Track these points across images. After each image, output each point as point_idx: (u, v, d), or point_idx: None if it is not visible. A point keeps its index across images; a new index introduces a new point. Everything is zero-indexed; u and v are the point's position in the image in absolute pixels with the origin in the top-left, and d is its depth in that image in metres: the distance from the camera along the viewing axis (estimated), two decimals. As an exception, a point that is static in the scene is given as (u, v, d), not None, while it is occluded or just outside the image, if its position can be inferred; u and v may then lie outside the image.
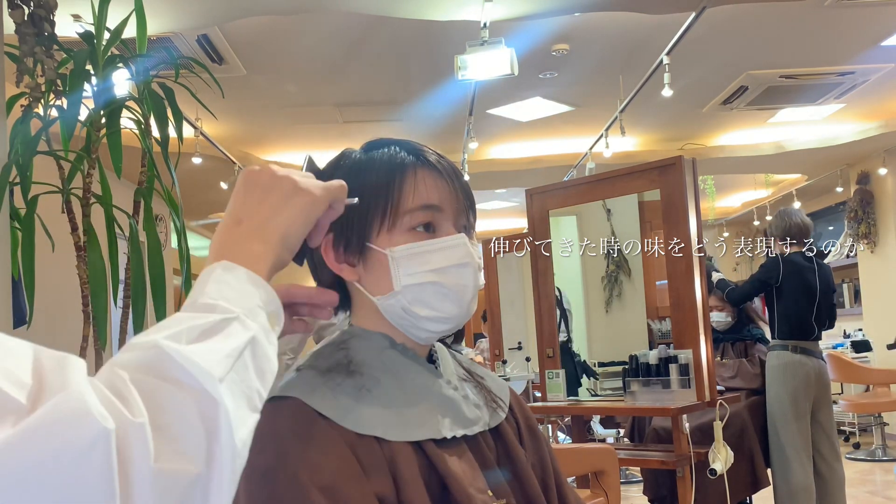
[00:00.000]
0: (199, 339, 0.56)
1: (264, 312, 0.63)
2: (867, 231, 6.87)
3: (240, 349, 0.58)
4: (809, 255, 3.86)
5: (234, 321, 0.59)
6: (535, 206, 3.46)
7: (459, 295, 0.86)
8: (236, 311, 0.60)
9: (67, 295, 3.16)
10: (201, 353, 0.54)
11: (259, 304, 0.63)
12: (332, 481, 0.74)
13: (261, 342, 0.60)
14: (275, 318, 0.65)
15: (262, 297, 0.64)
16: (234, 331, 0.58)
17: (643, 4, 3.58)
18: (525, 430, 0.97)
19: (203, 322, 0.57)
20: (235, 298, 0.61)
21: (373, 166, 0.88)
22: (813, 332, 3.76)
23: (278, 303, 0.66)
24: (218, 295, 0.61)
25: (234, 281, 0.63)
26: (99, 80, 2.25)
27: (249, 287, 0.64)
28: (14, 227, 2.30)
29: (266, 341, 0.61)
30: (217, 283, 0.63)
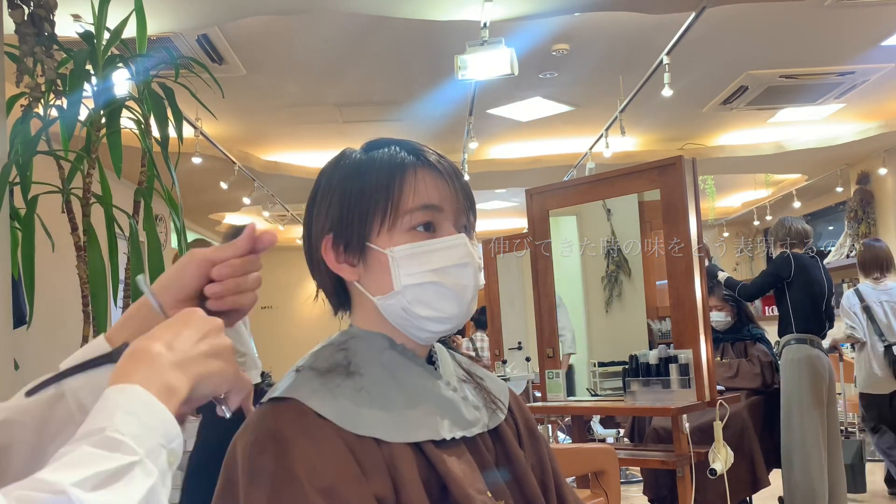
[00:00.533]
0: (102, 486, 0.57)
1: (165, 451, 0.63)
2: (867, 231, 6.86)
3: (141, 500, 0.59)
4: (812, 255, 3.97)
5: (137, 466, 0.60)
6: (535, 206, 3.46)
7: (459, 295, 0.86)
8: (140, 452, 0.61)
9: (67, 295, 3.17)
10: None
11: (162, 443, 0.63)
12: (332, 482, 0.74)
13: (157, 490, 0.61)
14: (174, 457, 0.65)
15: (167, 435, 0.64)
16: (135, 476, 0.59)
17: (643, 4, 3.58)
18: (524, 431, 0.97)
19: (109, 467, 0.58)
20: (141, 435, 0.62)
21: (373, 166, 0.88)
22: (823, 327, 3.88)
23: (180, 440, 0.66)
24: (126, 430, 0.61)
25: (145, 414, 0.63)
26: (99, 80, 2.26)
27: (157, 423, 0.64)
28: (14, 227, 2.30)
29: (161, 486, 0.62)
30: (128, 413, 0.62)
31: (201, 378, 0.70)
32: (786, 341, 3.83)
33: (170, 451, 0.64)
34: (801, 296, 3.86)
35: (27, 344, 3.58)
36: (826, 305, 3.91)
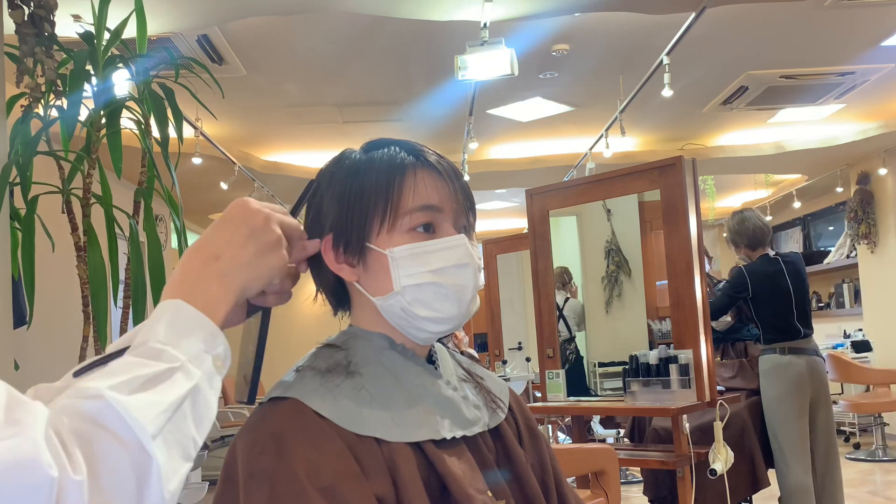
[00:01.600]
0: (141, 389, 0.60)
1: (210, 357, 0.66)
2: (867, 231, 6.87)
3: (179, 400, 0.61)
4: (774, 257, 3.77)
5: (178, 371, 0.63)
6: (535, 206, 3.46)
7: (459, 295, 0.86)
8: (182, 358, 0.63)
9: (67, 295, 3.17)
10: (141, 407, 0.59)
11: (205, 349, 0.66)
12: (332, 482, 0.74)
13: (202, 390, 0.64)
14: (220, 360, 0.67)
15: (210, 342, 0.67)
16: (176, 380, 0.62)
17: (643, 4, 3.58)
18: (525, 430, 0.97)
19: (148, 371, 0.61)
20: (183, 344, 0.64)
21: (372, 167, 0.88)
22: (798, 332, 3.68)
23: (226, 345, 0.69)
24: (167, 340, 0.64)
25: (186, 325, 0.66)
26: (99, 81, 2.26)
27: (199, 331, 0.67)
28: (14, 227, 2.30)
29: (208, 387, 0.65)
30: (169, 325, 0.65)
31: (248, 281, 0.74)
32: (759, 352, 3.78)
33: (215, 357, 0.67)
34: (765, 309, 3.71)
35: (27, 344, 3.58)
36: (798, 307, 3.71)
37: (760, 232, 3.79)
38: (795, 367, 3.61)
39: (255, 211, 0.76)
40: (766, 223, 3.83)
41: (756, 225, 3.79)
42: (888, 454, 6.13)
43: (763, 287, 3.70)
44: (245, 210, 0.76)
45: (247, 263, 0.73)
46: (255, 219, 0.75)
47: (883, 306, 6.88)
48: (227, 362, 0.69)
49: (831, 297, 8.17)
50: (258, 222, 0.75)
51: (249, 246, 0.73)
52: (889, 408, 6.09)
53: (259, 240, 0.74)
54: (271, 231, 0.75)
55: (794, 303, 3.70)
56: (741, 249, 3.86)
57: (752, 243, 3.80)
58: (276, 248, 0.76)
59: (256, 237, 0.74)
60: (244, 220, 0.75)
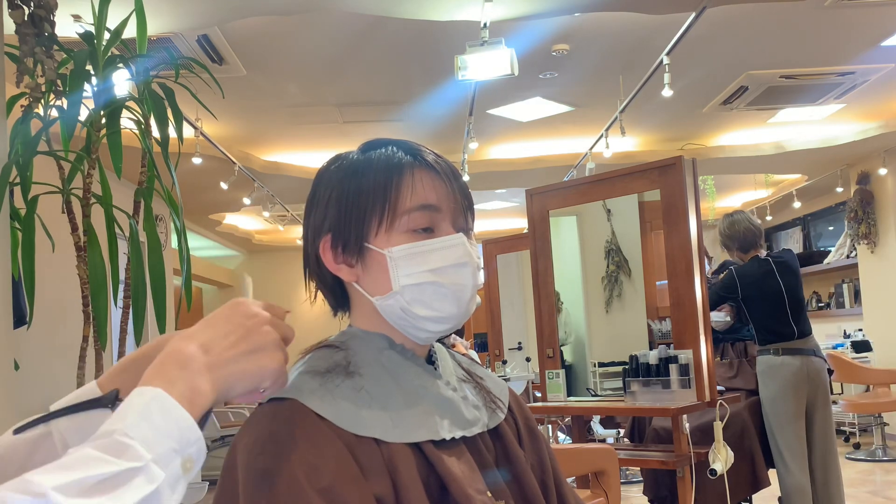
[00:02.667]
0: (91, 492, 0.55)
1: (180, 458, 0.62)
2: (867, 231, 6.86)
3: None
4: (765, 259, 3.75)
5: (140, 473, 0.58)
6: (535, 206, 3.46)
7: (458, 295, 0.86)
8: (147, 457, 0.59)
9: (67, 295, 3.17)
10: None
11: (176, 448, 0.61)
12: (331, 483, 0.74)
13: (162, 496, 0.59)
14: (190, 462, 0.63)
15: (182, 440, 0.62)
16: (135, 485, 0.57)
17: (643, 4, 3.58)
18: (524, 430, 0.97)
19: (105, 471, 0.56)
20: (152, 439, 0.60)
21: (370, 167, 0.88)
22: (792, 332, 3.67)
23: (201, 444, 0.64)
24: (136, 433, 0.59)
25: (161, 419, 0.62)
26: (99, 81, 2.26)
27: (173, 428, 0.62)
28: (14, 227, 2.30)
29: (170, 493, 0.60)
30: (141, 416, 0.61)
31: (236, 379, 0.69)
32: (757, 353, 3.78)
33: (185, 457, 0.62)
34: (757, 311, 3.71)
35: (27, 344, 3.58)
36: (792, 307, 3.69)
37: (751, 234, 3.78)
38: (790, 368, 3.61)
39: (254, 312, 0.73)
40: (756, 225, 3.82)
41: (747, 227, 3.78)
42: (888, 454, 6.13)
43: (753, 290, 3.69)
44: (244, 309, 0.73)
45: (237, 361, 0.69)
46: (253, 319, 0.72)
47: (883, 306, 6.88)
48: (200, 462, 0.64)
49: (831, 297, 8.17)
50: (255, 323, 0.72)
51: (243, 344, 0.70)
52: (889, 408, 6.08)
53: (254, 340, 0.71)
54: (268, 332, 0.72)
55: (788, 303, 3.69)
56: (734, 252, 3.86)
57: (744, 246, 3.79)
58: (269, 350, 0.72)
59: (251, 337, 0.71)
60: (241, 320, 0.72)
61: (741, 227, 3.78)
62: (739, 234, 3.78)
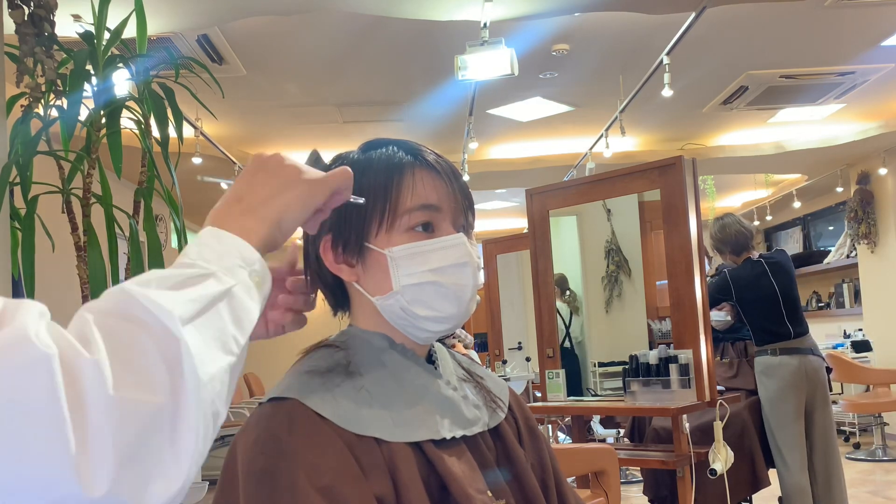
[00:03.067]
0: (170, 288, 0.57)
1: (246, 271, 0.63)
2: (867, 231, 6.86)
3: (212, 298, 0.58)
4: (757, 260, 3.74)
5: (210, 277, 0.60)
6: (535, 206, 3.46)
7: (458, 294, 0.86)
8: (213, 268, 0.60)
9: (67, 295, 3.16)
10: (166, 297, 0.56)
11: (240, 264, 0.63)
12: (331, 482, 0.74)
13: (238, 295, 0.61)
14: (258, 276, 0.65)
15: (245, 258, 0.64)
16: (208, 284, 0.59)
17: (643, 4, 3.58)
18: (525, 430, 0.97)
19: (179, 275, 0.58)
20: (215, 259, 0.62)
21: (371, 166, 0.88)
22: (789, 332, 3.67)
23: (264, 265, 0.66)
24: (197, 256, 0.62)
25: (218, 244, 0.64)
26: (99, 80, 2.26)
27: (232, 250, 0.64)
28: (14, 227, 2.30)
29: (246, 295, 0.62)
30: (199, 245, 0.63)
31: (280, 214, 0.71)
32: (755, 353, 3.78)
33: (251, 271, 0.64)
34: (751, 313, 3.70)
35: (27, 344, 3.58)
36: (787, 307, 3.68)
37: (742, 237, 3.77)
38: (787, 368, 3.61)
39: (269, 155, 0.75)
40: (747, 227, 3.81)
41: (737, 230, 3.77)
42: (888, 454, 6.13)
43: (747, 292, 3.69)
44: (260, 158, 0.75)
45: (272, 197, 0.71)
46: (270, 161, 0.74)
47: (883, 306, 6.88)
48: (268, 281, 0.67)
49: (831, 297, 8.16)
50: (273, 163, 0.74)
51: (271, 183, 0.72)
52: (889, 408, 6.08)
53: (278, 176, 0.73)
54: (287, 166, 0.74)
55: (783, 303, 3.68)
56: (726, 256, 3.86)
57: (736, 249, 3.79)
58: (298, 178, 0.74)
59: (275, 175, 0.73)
60: (260, 166, 0.74)
61: (732, 230, 3.78)
62: (730, 237, 3.78)
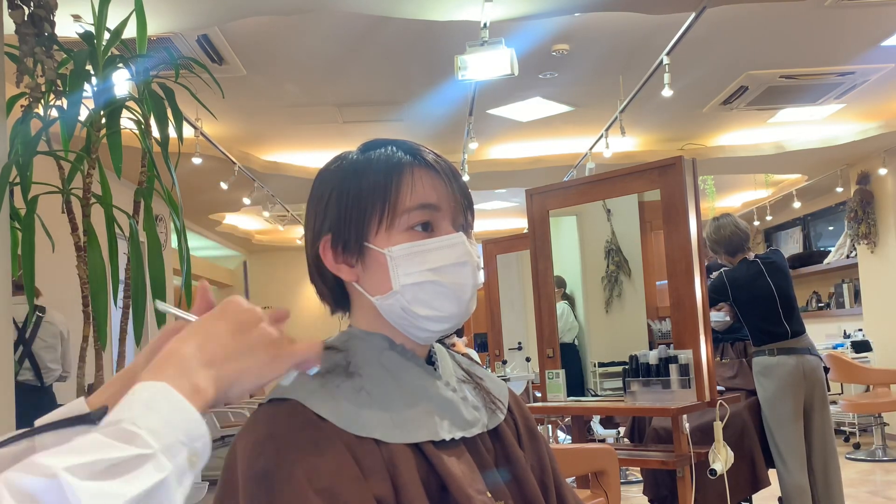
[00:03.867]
0: (101, 476, 0.54)
1: (186, 450, 0.61)
2: (867, 231, 6.87)
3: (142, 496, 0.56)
4: (753, 260, 3.74)
5: (149, 460, 0.57)
6: (535, 206, 3.46)
7: (458, 294, 0.86)
8: (154, 446, 0.58)
9: (67, 295, 3.17)
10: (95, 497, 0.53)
11: (183, 441, 0.61)
12: (331, 483, 0.74)
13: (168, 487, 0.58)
14: (196, 457, 0.63)
15: (189, 434, 0.62)
16: (144, 472, 0.57)
17: (643, 4, 3.58)
18: (524, 431, 0.97)
19: (115, 455, 0.56)
20: (160, 430, 0.60)
21: (370, 166, 0.88)
22: (786, 332, 3.66)
23: (206, 439, 0.64)
24: (143, 423, 0.59)
25: (167, 411, 0.62)
26: (99, 81, 2.26)
27: (179, 421, 0.62)
28: (14, 227, 2.30)
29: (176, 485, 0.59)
30: (148, 408, 0.61)
31: (233, 379, 0.69)
32: (752, 354, 3.78)
33: (191, 451, 0.62)
34: (749, 310, 3.70)
35: (27, 344, 3.58)
36: (784, 307, 3.68)
37: (737, 238, 3.77)
38: (785, 368, 3.61)
39: (247, 308, 0.73)
40: (743, 228, 3.80)
41: (732, 231, 3.76)
42: (888, 454, 6.13)
43: (744, 292, 3.69)
44: (236, 306, 0.73)
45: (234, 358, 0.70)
46: (246, 315, 0.72)
47: (883, 306, 6.88)
48: (204, 458, 0.64)
49: (831, 297, 8.16)
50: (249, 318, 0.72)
51: (236, 341, 0.70)
52: (889, 408, 6.08)
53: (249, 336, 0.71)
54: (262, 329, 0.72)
55: (779, 303, 3.69)
56: (721, 256, 3.86)
57: (730, 249, 3.79)
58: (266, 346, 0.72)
59: (246, 333, 0.71)
60: (234, 316, 0.72)
61: (727, 231, 3.77)
62: (725, 238, 3.78)
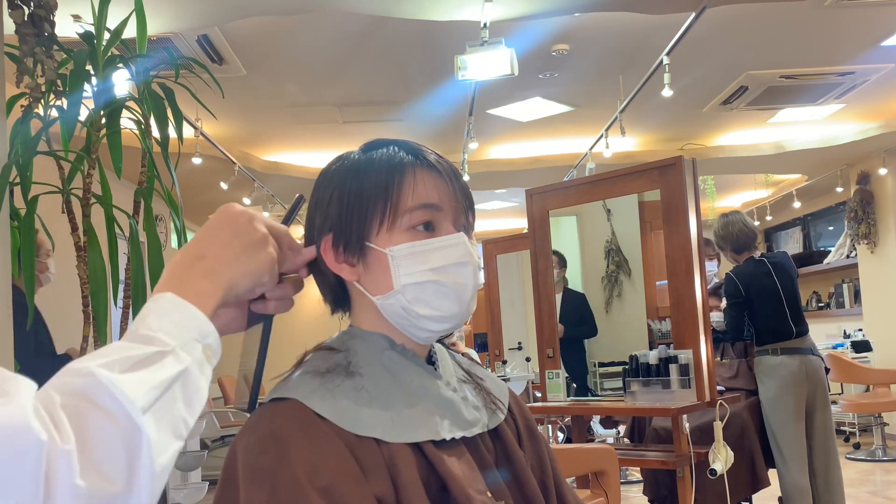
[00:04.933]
0: (131, 370, 0.61)
1: (200, 346, 0.67)
2: (867, 231, 6.87)
3: (169, 381, 0.62)
4: (760, 259, 3.76)
5: (169, 354, 0.63)
6: (535, 206, 3.46)
7: (459, 293, 0.86)
8: (172, 344, 0.64)
9: (67, 295, 3.17)
10: (131, 383, 0.59)
11: (196, 338, 0.67)
12: (331, 482, 0.74)
13: (192, 374, 0.65)
14: (210, 351, 0.69)
15: (201, 331, 0.68)
16: (166, 363, 0.63)
17: (643, 4, 3.58)
18: (524, 431, 0.97)
19: (139, 353, 0.62)
20: (174, 331, 0.66)
21: (371, 166, 0.88)
22: (790, 331, 3.68)
23: (216, 336, 0.70)
24: (157, 327, 0.65)
25: (177, 315, 0.68)
26: (99, 81, 2.25)
27: (190, 321, 0.68)
28: (14, 227, 2.30)
29: (199, 373, 0.66)
30: (159, 315, 0.67)
31: (235, 278, 0.75)
32: (755, 353, 3.78)
33: (205, 346, 0.68)
34: (755, 309, 3.71)
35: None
36: (790, 307, 3.70)
37: (745, 236, 3.78)
38: (788, 368, 3.61)
39: (239, 212, 0.78)
40: (751, 227, 3.82)
41: (741, 229, 3.78)
42: (888, 454, 6.13)
43: (751, 289, 3.70)
44: (229, 212, 0.78)
45: (233, 260, 0.75)
46: (239, 219, 0.77)
47: (883, 306, 6.88)
48: (217, 354, 0.70)
49: (831, 297, 8.17)
50: (242, 222, 0.77)
51: (234, 244, 0.76)
52: (889, 408, 6.09)
53: (243, 238, 0.77)
54: (255, 230, 0.78)
55: (785, 302, 3.70)
56: (727, 253, 3.87)
57: (737, 247, 3.80)
58: (261, 246, 0.78)
59: (241, 236, 0.77)
60: (228, 221, 0.77)
61: (735, 228, 3.78)
62: (733, 235, 3.79)
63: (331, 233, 0.88)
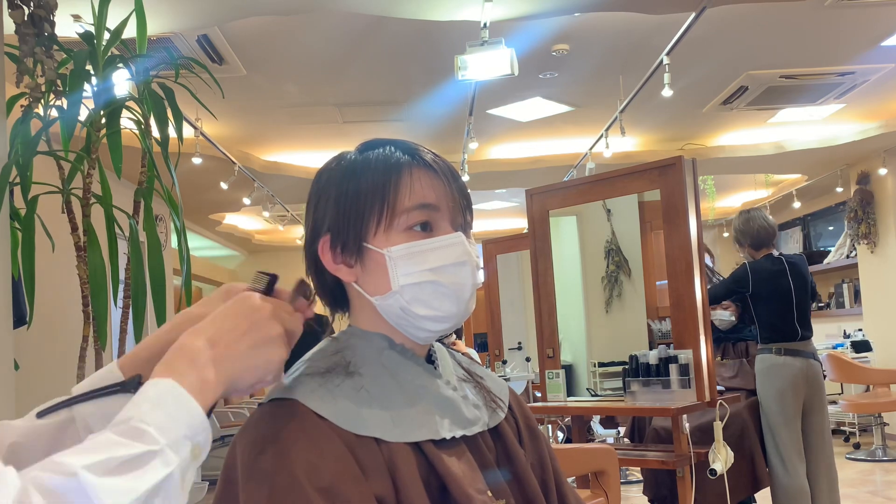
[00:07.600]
0: (116, 472, 0.60)
1: (190, 444, 0.66)
2: (867, 231, 6.86)
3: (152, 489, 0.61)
4: (778, 257, 3.77)
5: (157, 456, 0.62)
6: (535, 206, 3.46)
7: (458, 293, 0.86)
8: (161, 442, 0.63)
9: (67, 295, 3.17)
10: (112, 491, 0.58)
11: (187, 434, 0.66)
12: (331, 482, 0.74)
13: (174, 481, 0.63)
14: (199, 449, 0.67)
15: (193, 428, 0.66)
16: (152, 467, 0.62)
17: (643, 4, 3.58)
18: (525, 430, 0.97)
19: (126, 453, 0.61)
20: (166, 426, 0.64)
21: (368, 167, 0.88)
22: (796, 333, 3.69)
23: (207, 434, 0.69)
24: (151, 420, 0.64)
25: (172, 407, 0.66)
26: (99, 80, 2.26)
27: (184, 415, 0.66)
28: (14, 227, 2.30)
29: (180, 477, 0.64)
30: (154, 405, 0.65)
31: (242, 372, 0.74)
32: (757, 351, 3.78)
33: (195, 444, 0.66)
34: (765, 306, 3.71)
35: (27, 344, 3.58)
36: (799, 309, 3.71)
37: (765, 232, 3.80)
38: (790, 369, 3.61)
39: (260, 306, 0.76)
40: (771, 224, 3.84)
41: (761, 225, 3.80)
42: (888, 454, 6.13)
43: (764, 286, 3.71)
44: (249, 304, 0.76)
45: (243, 354, 0.73)
46: (259, 313, 0.76)
47: (883, 306, 6.88)
48: (206, 450, 0.69)
49: (831, 297, 8.16)
50: (260, 317, 0.76)
51: (247, 339, 0.74)
52: (889, 408, 6.08)
53: (259, 333, 0.75)
54: (272, 326, 0.76)
55: (795, 304, 3.70)
56: (745, 248, 3.87)
57: (756, 243, 3.82)
58: (275, 344, 0.76)
59: (257, 331, 0.75)
60: (246, 314, 0.75)
61: (756, 224, 3.80)
62: (753, 231, 3.80)
63: (328, 233, 0.88)
